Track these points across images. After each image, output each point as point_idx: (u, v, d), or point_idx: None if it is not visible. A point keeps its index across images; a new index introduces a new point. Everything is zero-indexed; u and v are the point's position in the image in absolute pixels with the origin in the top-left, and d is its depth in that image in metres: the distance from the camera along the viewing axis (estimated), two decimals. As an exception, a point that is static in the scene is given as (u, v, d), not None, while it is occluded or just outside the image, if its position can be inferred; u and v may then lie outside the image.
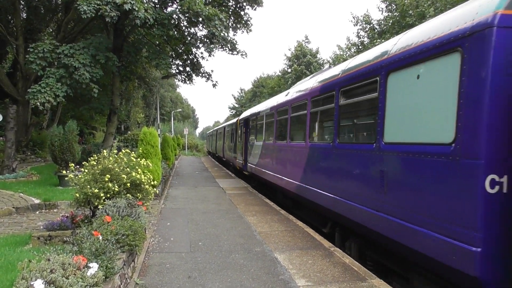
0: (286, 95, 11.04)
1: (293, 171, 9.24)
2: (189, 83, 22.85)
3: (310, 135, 8.31)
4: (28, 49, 15.15)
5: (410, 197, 4.48)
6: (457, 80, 3.84)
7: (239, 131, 19.22)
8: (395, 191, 4.78)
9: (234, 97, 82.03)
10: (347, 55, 37.92)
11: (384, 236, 4.94)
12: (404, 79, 4.84)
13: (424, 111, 4.42)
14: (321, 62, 51.11)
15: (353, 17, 30.79)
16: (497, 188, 3.47)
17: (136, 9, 13.76)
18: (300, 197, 8.84)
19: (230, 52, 20.42)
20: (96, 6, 13.39)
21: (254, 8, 20.39)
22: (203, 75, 21.65)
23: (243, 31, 21.52)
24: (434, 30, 4.38)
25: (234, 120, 23.56)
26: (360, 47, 31.27)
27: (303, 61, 49.28)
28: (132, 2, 13.63)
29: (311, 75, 10.67)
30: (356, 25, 31.05)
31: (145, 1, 15.59)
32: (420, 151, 4.32)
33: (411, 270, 4.84)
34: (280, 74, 61.17)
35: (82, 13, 13.36)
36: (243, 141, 17.72)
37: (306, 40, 52.44)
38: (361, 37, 32.11)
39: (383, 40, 26.15)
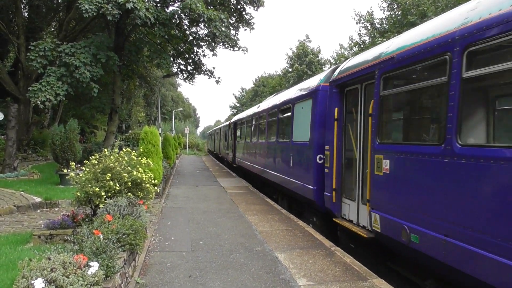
0: (258, 108, 15.88)
1: (260, 160, 13.71)
2: (190, 82, 22.81)
3: (268, 136, 12.87)
4: (29, 47, 15.15)
5: (297, 167, 9.18)
6: (310, 112, 8.46)
7: (230, 132, 24.02)
8: (294, 165, 9.46)
9: (235, 97, 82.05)
10: (349, 53, 37.91)
11: (291, 190, 9.64)
12: (299, 108, 9.51)
13: (304, 126, 8.81)
14: (323, 61, 51.04)
15: (356, 14, 30.67)
16: (322, 160, 7.79)
17: (138, 7, 13.72)
18: (263, 178, 13.27)
19: (231, 49, 20.35)
20: (97, 4, 13.36)
21: (255, 8, 20.31)
22: (206, 72, 21.61)
23: (246, 29, 21.48)
24: (306, 86, 9.43)
25: (227, 123, 28.17)
26: (362, 46, 31.20)
27: (304, 61, 49.17)
28: (134, 1, 13.59)
29: (272, 96, 16.25)
30: (359, 22, 30.92)
31: (146, 0, 15.52)
32: (301, 144, 8.93)
33: (304, 209, 9.27)
34: (281, 73, 61.11)
35: (83, 12, 13.32)
36: (233, 140, 22.49)
37: (308, 40, 52.34)
38: (362, 35, 32.02)
39: (384, 40, 26.10)
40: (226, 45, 19.62)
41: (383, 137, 5.60)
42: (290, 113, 10.09)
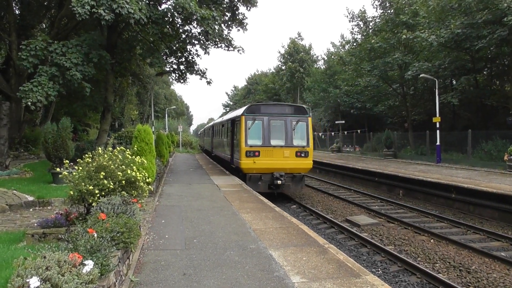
0: (210, 124, 37.97)
1: (208, 145, 35.00)
2: (183, 82, 22.68)
3: (208, 136, 34.42)
4: (20, 46, 14.94)
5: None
6: (210, 132, 32.58)
7: (206, 133, 38.89)
8: (209, 144, 34.40)
9: (228, 95, 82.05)
10: (341, 52, 38.07)
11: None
12: (215, 128, 29.73)
13: (206, 135, 37.26)
14: (314, 58, 51.26)
15: (349, 13, 30.80)
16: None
17: (132, 11, 13.59)
18: (211, 153, 30.72)
19: (227, 49, 20.18)
20: (89, 8, 13.11)
21: (248, 8, 20.23)
22: (198, 72, 21.45)
23: (239, 29, 21.37)
24: (210, 124, 36.72)
25: (205, 127, 46.60)
26: (354, 44, 31.35)
27: (296, 58, 49.32)
28: (127, 6, 13.44)
29: (206, 125, 53.36)
30: (352, 21, 31.04)
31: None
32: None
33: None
34: (274, 71, 61.17)
35: (77, 15, 13.15)
36: (204, 138, 41.52)
37: (299, 37, 52.46)
38: (355, 33, 32.15)
39: (377, 38, 26.24)
40: (221, 45, 19.54)
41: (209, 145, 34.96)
42: (210, 131, 31.76)
